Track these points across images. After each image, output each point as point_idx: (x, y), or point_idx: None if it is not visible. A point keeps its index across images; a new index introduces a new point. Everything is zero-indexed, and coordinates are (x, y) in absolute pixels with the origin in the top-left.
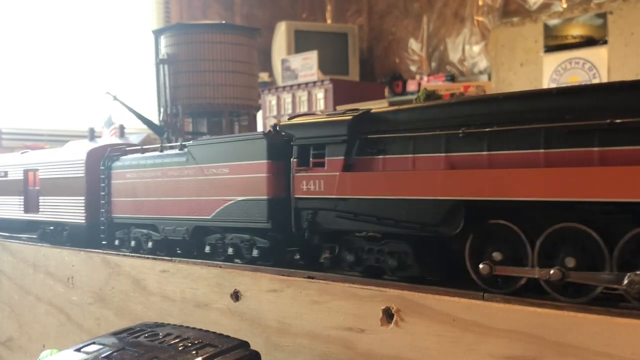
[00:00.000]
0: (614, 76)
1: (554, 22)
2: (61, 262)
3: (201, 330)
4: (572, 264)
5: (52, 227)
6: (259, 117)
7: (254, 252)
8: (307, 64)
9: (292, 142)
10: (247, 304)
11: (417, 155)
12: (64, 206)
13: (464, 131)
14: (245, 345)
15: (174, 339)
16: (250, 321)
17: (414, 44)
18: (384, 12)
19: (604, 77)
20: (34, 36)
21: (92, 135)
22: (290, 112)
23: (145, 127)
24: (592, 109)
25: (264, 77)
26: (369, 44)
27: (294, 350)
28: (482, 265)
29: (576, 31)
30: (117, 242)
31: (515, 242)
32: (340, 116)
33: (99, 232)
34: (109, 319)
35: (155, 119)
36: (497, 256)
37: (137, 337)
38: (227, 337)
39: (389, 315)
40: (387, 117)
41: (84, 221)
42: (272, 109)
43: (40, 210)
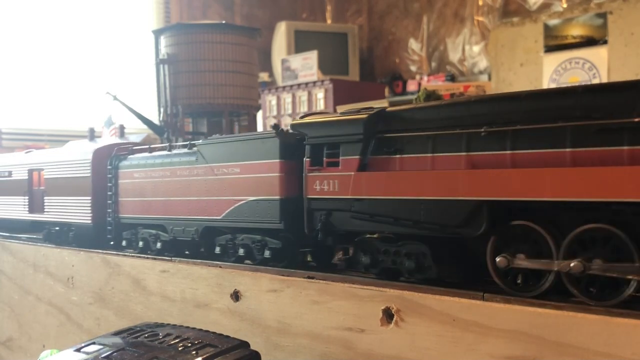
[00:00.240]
0: (614, 76)
1: (554, 22)
2: (61, 262)
3: (201, 330)
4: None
5: (57, 228)
6: (259, 117)
7: (266, 253)
8: (307, 64)
9: (305, 142)
10: (247, 304)
11: (436, 154)
12: (70, 206)
13: (486, 130)
14: (245, 345)
15: (174, 339)
16: (250, 321)
17: (414, 44)
18: (384, 12)
19: (604, 77)
20: (34, 36)
21: (92, 135)
22: (290, 112)
23: (145, 127)
24: (620, 106)
25: (264, 77)
26: (369, 44)
27: (294, 350)
28: (499, 258)
29: (576, 31)
30: (124, 243)
31: (540, 243)
32: (355, 115)
33: (106, 233)
34: (109, 319)
35: (155, 119)
36: (521, 258)
37: (137, 337)
38: (227, 337)
39: (389, 315)
40: (404, 115)
41: (90, 221)
42: (272, 109)
43: (45, 210)
